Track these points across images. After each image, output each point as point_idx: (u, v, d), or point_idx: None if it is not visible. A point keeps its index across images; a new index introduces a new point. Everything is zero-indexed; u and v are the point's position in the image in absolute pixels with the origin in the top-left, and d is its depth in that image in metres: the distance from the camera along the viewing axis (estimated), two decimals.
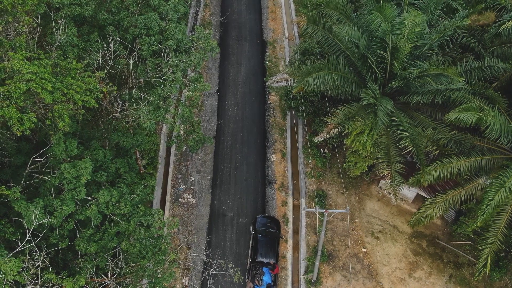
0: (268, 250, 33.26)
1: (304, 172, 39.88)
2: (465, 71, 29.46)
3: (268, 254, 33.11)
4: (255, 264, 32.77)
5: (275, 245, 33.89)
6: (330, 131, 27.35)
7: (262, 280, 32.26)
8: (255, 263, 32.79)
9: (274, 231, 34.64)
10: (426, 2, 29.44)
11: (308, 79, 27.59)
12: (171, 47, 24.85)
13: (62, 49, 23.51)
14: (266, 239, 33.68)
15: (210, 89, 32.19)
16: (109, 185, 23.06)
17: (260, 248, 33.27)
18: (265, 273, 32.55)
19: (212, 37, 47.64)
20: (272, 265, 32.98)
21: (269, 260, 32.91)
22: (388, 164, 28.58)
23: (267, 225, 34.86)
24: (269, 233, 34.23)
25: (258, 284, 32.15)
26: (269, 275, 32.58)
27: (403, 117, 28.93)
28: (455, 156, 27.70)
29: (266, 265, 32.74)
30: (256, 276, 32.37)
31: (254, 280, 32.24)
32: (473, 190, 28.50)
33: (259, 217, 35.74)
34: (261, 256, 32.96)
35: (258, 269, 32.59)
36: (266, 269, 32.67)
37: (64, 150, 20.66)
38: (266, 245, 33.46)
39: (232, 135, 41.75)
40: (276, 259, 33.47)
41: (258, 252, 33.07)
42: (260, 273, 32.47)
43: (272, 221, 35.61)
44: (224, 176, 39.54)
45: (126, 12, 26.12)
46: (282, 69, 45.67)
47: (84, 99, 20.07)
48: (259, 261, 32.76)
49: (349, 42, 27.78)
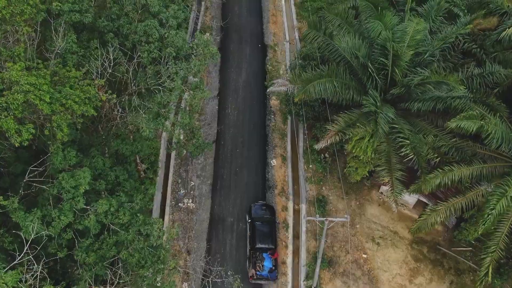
0: (266, 236, 34.11)
1: (305, 177, 39.73)
2: (467, 78, 29.32)
3: (266, 240, 33.96)
4: (254, 251, 33.54)
5: (272, 231, 34.73)
6: (330, 138, 27.25)
7: (263, 265, 33.05)
8: (254, 250, 33.55)
9: (270, 217, 35.43)
10: (428, 9, 29.29)
11: (309, 87, 27.49)
12: (170, 55, 24.74)
13: (61, 56, 23.39)
14: (263, 226, 34.52)
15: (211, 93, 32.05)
16: (108, 193, 22.96)
17: (258, 235, 34.08)
18: (266, 258, 33.32)
19: (213, 41, 47.59)
20: (272, 250, 33.74)
21: (268, 245, 33.78)
22: (389, 172, 28.45)
23: (262, 212, 35.70)
24: (265, 219, 35.02)
25: (260, 270, 32.91)
26: (270, 260, 33.37)
27: (404, 124, 28.78)
28: (456, 163, 27.55)
29: (265, 251, 33.53)
30: (257, 262, 33.14)
31: (256, 266, 33.00)
32: (475, 197, 28.35)
33: (254, 205, 36.51)
34: (260, 242, 33.76)
35: (258, 255, 33.39)
36: (266, 255, 33.42)
37: (62, 160, 20.57)
38: (263, 231, 34.31)
39: (232, 139, 41.60)
40: (275, 244, 34.24)
41: (257, 239, 33.85)
42: (260, 259, 33.27)
43: (267, 208, 36.40)
44: (224, 181, 39.40)
45: (126, 18, 26.00)
46: (283, 73, 45.52)
47: (83, 109, 19.97)
48: (258, 248, 33.56)
49: (349, 52, 27.62)
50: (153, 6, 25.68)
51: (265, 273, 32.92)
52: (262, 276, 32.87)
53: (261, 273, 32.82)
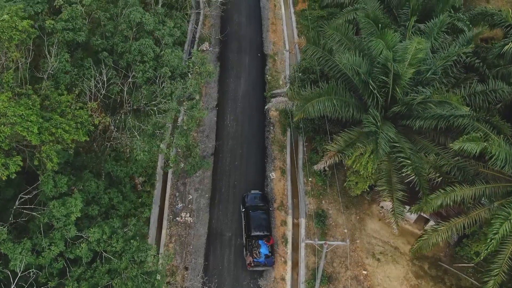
0: (261, 224, 35.01)
1: (304, 191, 39.14)
2: (469, 95, 28.70)
3: (261, 227, 34.85)
4: (250, 238, 34.39)
5: (267, 218, 35.67)
6: (329, 159, 26.64)
7: (260, 252, 33.91)
8: (250, 238, 34.40)
9: (264, 205, 36.35)
10: (431, 26, 28.58)
11: (307, 106, 26.91)
12: (166, 74, 24.14)
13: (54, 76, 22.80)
14: (257, 214, 35.39)
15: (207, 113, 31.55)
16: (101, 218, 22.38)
17: (253, 223, 34.93)
18: (261, 245, 34.16)
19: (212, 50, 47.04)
20: (267, 236, 34.57)
21: (263, 232, 34.67)
22: (389, 192, 27.87)
23: (256, 201, 36.50)
24: (259, 207, 35.91)
25: (257, 257, 33.73)
26: (266, 247, 34.19)
27: (405, 142, 28.17)
28: (459, 184, 26.94)
29: (261, 238, 34.37)
30: (254, 249, 33.95)
31: (253, 254, 33.85)
32: (477, 217, 27.75)
33: (247, 195, 37.16)
34: (255, 230, 34.62)
35: (254, 242, 34.22)
36: (262, 242, 34.28)
37: (53, 188, 20.01)
38: (258, 219, 35.19)
39: (231, 151, 41.00)
40: (270, 231, 35.05)
41: (252, 227, 34.72)
42: (257, 246, 34.10)
43: (260, 196, 37.16)
44: (222, 195, 38.81)
45: (120, 37, 25.38)
46: (283, 83, 44.94)
47: (74, 138, 19.37)
48: (254, 235, 34.45)
49: (350, 69, 26.99)
50: (148, 24, 25.06)
51: (262, 260, 33.77)
52: (259, 262, 33.70)
53: (258, 259, 33.69)
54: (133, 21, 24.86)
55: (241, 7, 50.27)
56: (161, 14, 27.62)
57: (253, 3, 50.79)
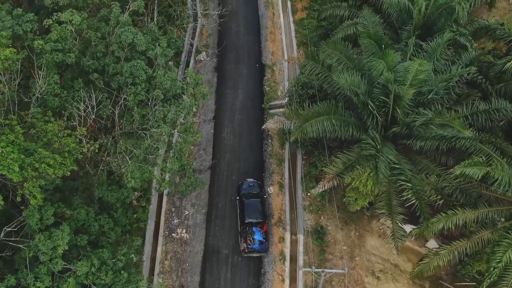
0: (254, 211, 35.64)
1: (303, 206, 38.41)
2: (472, 114, 27.91)
3: (255, 214, 35.48)
4: (244, 225, 35.09)
5: (260, 206, 36.21)
6: (328, 183, 25.88)
7: (254, 239, 34.59)
8: (244, 225, 35.11)
9: (258, 193, 36.90)
10: (433, 47, 27.73)
11: (305, 126, 26.15)
12: (158, 97, 23.37)
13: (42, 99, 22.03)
14: (251, 202, 36.03)
15: (201, 136, 30.93)
16: (90, 247, 21.61)
17: (247, 210, 35.60)
18: (255, 232, 34.82)
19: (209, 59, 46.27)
20: (261, 223, 35.27)
21: (257, 219, 35.28)
22: (389, 216, 27.11)
23: (250, 189, 37.09)
24: (253, 195, 36.55)
25: (251, 243, 34.46)
26: (259, 233, 34.87)
27: (406, 163, 27.40)
28: (461, 207, 26.19)
29: (255, 225, 35.04)
30: (248, 236, 34.62)
31: (247, 240, 34.56)
32: (480, 240, 27.01)
33: (242, 183, 37.75)
34: (249, 217, 35.28)
35: (248, 229, 34.90)
36: (256, 228, 34.96)
37: (39, 221, 19.27)
38: (251, 207, 35.83)
39: (228, 165, 40.26)
40: (263, 218, 35.66)
41: (246, 214, 35.40)
42: (251, 233, 34.74)
43: (254, 185, 37.62)
44: (219, 210, 38.08)
45: (112, 57, 24.58)
46: (281, 94, 44.16)
47: (58, 172, 18.61)
48: (248, 222, 35.11)
49: (348, 90, 26.22)
50: (140, 45, 24.26)
51: (256, 246, 34.45)
52: (253, 249, 34.38)
53: (252, 246, 34.37)
54: (124, 42, 24.11)
55: (239, 16, 49.42)
56: (155, 31, 26.85)
57: (252, 11, 49.90)
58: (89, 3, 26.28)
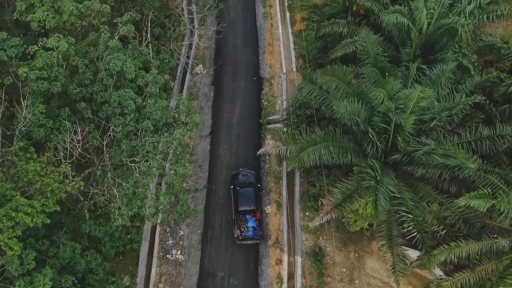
0: (248, 199, 36.36)
1: (301, 226, 37.43)
2: (475, 140, 26.88)
3: (248, 202, 36.21)
4: (238, 213, 35.88)
5: (254, 194, 36.79)
6: (326, 215, 24.89)
7: (247, 226, 35.37)
8: (238, 213, 35.89)
9: (251, 182, 37.48)
10: (437, 74, 26.62)
11: (302, 155, 25.18)
12: (148, 129, 22.38)
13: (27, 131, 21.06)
14: (244, 190, 36.68)
15: (192, 168, 30.07)
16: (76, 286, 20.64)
17: (240, 198, 36.32)
18: (249, 220, 35.60)
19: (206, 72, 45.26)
20: (254, 211, 36.00)
21: (250, 207, 36.03)
22: (390, 247, 26.12)
23: (244, 178, 37.70)
24: (247, 184, 37.15)
25: (245, 231, 35.24)
26: (252, 221, 35.62)
27: (406, 191, 26.39)
28: (464, 238, 25.19)
29: (248, 213, 35.82)
30: (241, 223, 35.42)
31: (240, 228, 35.35)
32: (484, 272, 26.01)
33: (236, 172, 38.42)
34: (242, 205, 36.05)
35: (241, 217, 35.66)
36: (249, 216, 35.76)
37: (19, 267, 18.31)
38: (245, 195, 36.52)
39: (225, 183, 39.25)
40: (257, 206, 36.30)
41: (239, 203, 36.19)
42: (244, 221, 35.53)
43: (248, 174, 38.13)
44: (215, 230, 37.12)
45: (100, 85, 23.57)
46: (279, 109, 43.18)
47: (37, 221, 17.64)
48: (241, 210, 35.91)
49: (348, 119, 25.20)
50: (129, 72, 23.23)
51: (249, 233, 35.20)
52: (247, 236, 35.15)
53: (246, 233, 35.12)
54: (113, 70, 23.09)
55: (237, 27, 48.37)
56: (146, 54, 25.85)
57: (250, 23, 48.85)
58: (77, 26, 25.33)
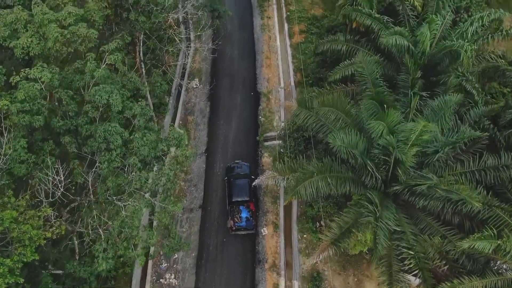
0: (241, 190, 36.53)
1: (298, 249, 36.35)
2: (479, 170, 25.74)
3: (241, 193, 36.41)
4: (232, 204, 36.10)
5: (247, 185, 36.71)
6: (323, 252, 23.79)
7: (240, 217, 35.59)
8: (232, 204, 36.12)
9: (245, 173, 37.60)
10: (440, 105, 25.43)
11: (299, 188, 24.10)
12: (135, 165, 21.28)
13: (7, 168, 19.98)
14: (238, 182, 36.86)
15: (183, 205, 28.92)
16: None
17: (234, 190, 36.50)
18: (242, 210, 35.81)
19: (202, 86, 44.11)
20: (247, 202, 36.22)
21: (243, 198, 36.21)
22: (389, 284, 25.02)
23: (238, 170, 37.94)
24: (241, 175, 37.31)
25: (238, 221, 35.43)
26: (246, 212, 35.81)
27: (407, 223, 25.28)
28: (467, 275, 24.07)
29: (242, 204, 36.04)
30: (235, 214, 35.63)
31: (234, 218, 35.54)
32: None
33: (231, 164, 38.66)
34: (236, 196, 36.23)
35: (235, 208, 35.89)
36: (242, 207, 35.97)
37: None
38: (239, 186, 36.69)
39: (220, 204, 38.13)
40: (250, 197, 36.42)
41: (233, 193, 36.38)
42: (237, 211, 35.75)
43: (243, 166, 38.37)
44: (210, 253, 36.03)
45: (84, 118, 22.46)
46: (276, 125, 42.04)
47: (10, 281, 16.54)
48: (235, 201, 36.08)
49: (345, 153, 24.07)
50: (116, 105, 22.09)
51: (243, 224, 35.40)
52: (240, 226, 35.42)
53: (239, 224, 35.36)
54: (98, 103, 21.98)
55: (234, 39, 47.18)
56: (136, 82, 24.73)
57: (247, 35, 47.66)
58: (62, 53, 24.21)
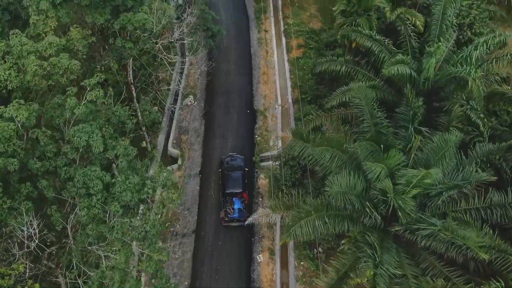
0: (234, 182, 36.52)
1: (295, 276, 34.98)
2: (484, 208, 24.34)
3: (235, 185, 36.38)
4: (225, 196, 36.12)
5: (241, 177, 36.88)
6: None
7: (233, 208, 35.56)
8: (225, 196, 36.14)
9: (239, 166, 37.59)
10: (441, 145, 23.95)
11: (295, 228, 22.76)
12: (116, 212, 19.94)
13: None
14: (232, 173, 36.88)
15: (168, 256, 27.52)
16: None
17: (227, 181, 36.50)
18: (235, 202, 35.79)
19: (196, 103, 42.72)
20: (240, 193, 36.16)
21: (236, 190, 36.17)
22: None
23: (232, 162, 37.86)
24: (235, 168, 37.33)
25: (231, 213, 35.45)
26: (239, 203, 35.81)
27: (408, 264, 23.90)
28: None
29: (235, 195, 36.02)
30: (228, 206, 35.69)
31: (227, 210, 35.57)
32: None
33: (224, 157, 38.53)
34: (229, 188, 36.23)
35: (228, 200, 35.88)
36: (235, 199, 35.97)
37: None
38: (232, 178, 36.68)
39: (214, 229, 36.75)
40: (243, 189, 36.42)
41: (226, 185, 36.41)
42: (230, 203, 35.75)
43: (237, 158, 38.27)
44: (203, 282, 34.59)
45: (63, 159, 21.10)
46: (273, 145, 40.65)
47: None
48: (228, 193, 36.09)
49: (342, 200, 22.70)
50: (97, 146, 20.73)
51: (235, 215, 35.39)
52: (232, 218, 35.43)
53: (232, 215, 35.38)
54: (78, 144, 20.63)
55: (230, 54, 45.67)
56: (121, 115, 23.39)
57: (243, 49, 46.14)
58: (42, 87, 22.86)
